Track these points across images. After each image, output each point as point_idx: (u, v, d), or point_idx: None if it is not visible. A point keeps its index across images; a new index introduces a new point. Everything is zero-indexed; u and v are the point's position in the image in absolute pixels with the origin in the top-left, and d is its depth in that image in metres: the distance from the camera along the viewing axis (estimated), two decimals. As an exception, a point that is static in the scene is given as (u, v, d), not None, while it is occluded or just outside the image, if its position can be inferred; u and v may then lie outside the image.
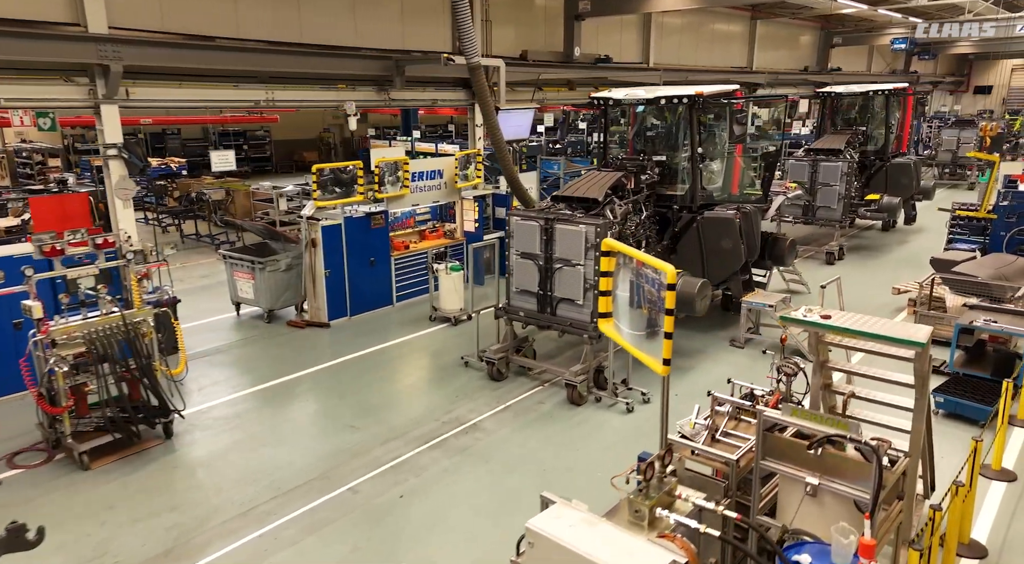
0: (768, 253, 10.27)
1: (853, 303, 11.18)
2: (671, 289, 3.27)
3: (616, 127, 9.61)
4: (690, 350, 8.99)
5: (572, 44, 13.99)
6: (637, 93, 8.52)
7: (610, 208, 7.64)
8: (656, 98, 8.40)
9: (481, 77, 8.80)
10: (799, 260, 14.05)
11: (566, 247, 7.26)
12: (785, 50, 25.98)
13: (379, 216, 10.52)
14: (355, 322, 10.19)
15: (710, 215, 8.80)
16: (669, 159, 9.15)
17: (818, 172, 13.91)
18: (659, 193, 9.00)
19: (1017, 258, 10.12)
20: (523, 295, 7.77)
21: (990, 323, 7.43)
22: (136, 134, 28.93)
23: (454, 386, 7.75)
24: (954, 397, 6.84)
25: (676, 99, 8.30)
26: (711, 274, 9.11)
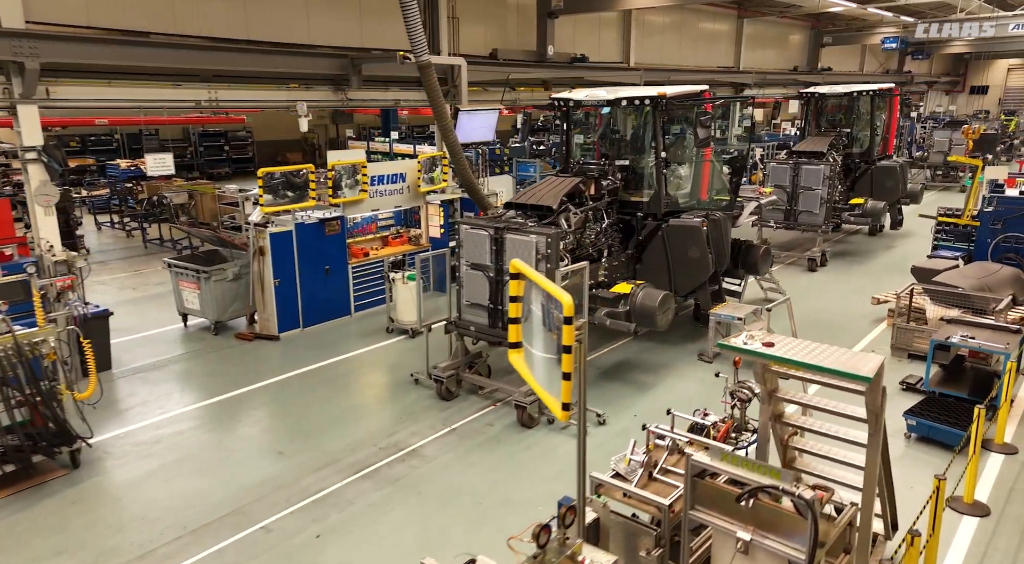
0: (741, 262, 9.90)
1: (833, 312, 10.84)
2: (567, 323, 2.87)
3: (579, 130, 9.20)
4: (655, 365, 8.59)
5: (545, 42, 13.59)
6: (598, 94, 8.12)
7: (565, 217, 7.24)
8: (618, 99, 8.00)
9: (431, 77, 8.39)
10: (779, 267, 13.71)
11: (517, 258, 6.84)
12: (774, 50, 25.69)
13: (334, 222, 10.10)
14: (308, 334, 9.76)
15: (675, 223, 8.41)
16: (634, 164, 8.76)
17: (800, 175, 13.54)
18: (623, 200, 8.60)
19: (1002, 267, 9.76)
20: (474, 309, 7.36)
21: (967, 339, 7.05)
22: (112, 134, 28.49)
23: (400, 406, 7.34)
24: (927, 420, 6.45)
25: (638, 100, 7.90)
26: (678, 284, 8.73)
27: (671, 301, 7.59)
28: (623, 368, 8.53)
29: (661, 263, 8.65)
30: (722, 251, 9.02)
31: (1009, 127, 34.00)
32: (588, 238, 7.88)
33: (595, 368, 8.50)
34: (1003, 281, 9.53)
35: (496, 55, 12.85)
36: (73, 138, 26.04)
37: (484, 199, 9.42)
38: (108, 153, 26.81)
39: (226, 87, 9.10)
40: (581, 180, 7.68)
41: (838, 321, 10.31)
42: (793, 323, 8.23)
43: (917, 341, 8.68)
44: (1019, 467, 6.06)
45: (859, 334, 9.73)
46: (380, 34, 11.11)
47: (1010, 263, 10.20)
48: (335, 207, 10.22)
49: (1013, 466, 6.08)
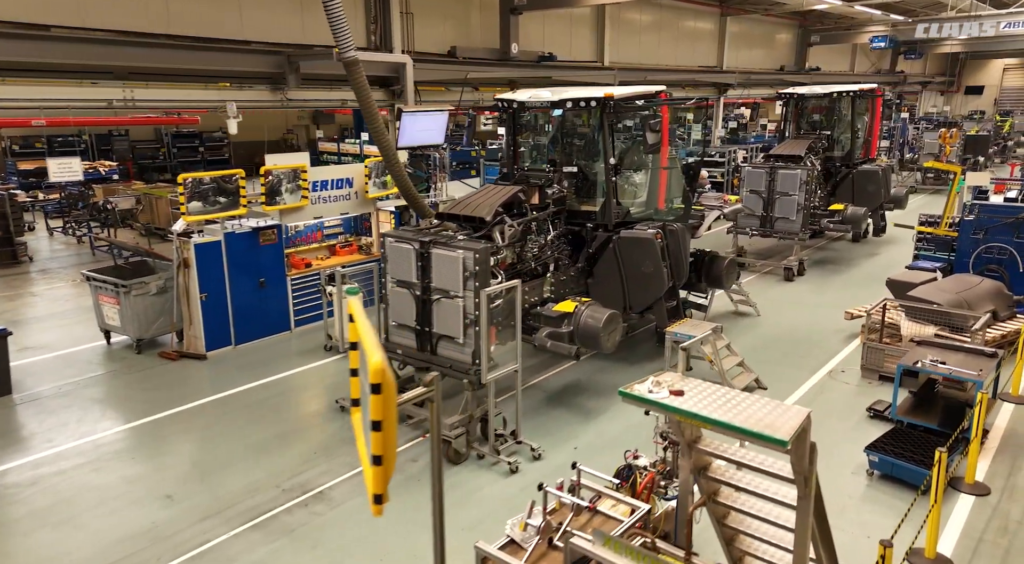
0: (704, 274, 9.36)
1: (805, 327, 10.31)
2: (375, 392, 2.28)
3: (528, 134, 8.63)
4: (607, 388, 8.03)
5: (509, 40, 13.03)
6: (541, 95, 7.56)
7: (500, 229, 6.67)
8: (561, 101, 7.44)
9: (358, 74, 7.79)
10: (755, 276, 13.19)
11: (443, 275, 6.28)
12: (760, 49, 25.20)
13: (270, 231, 9.51)
14: (240, 352, 9.17)
15: (627, 234, 7.86)
16: (585, 170, 8.20)
17: (776, 180, 13.01)
18: (572, 209, 8.05)
19: (982, 280, 9.25)
20: (401, 329, 6.79)
21: (937, 364, 6.52)
22: (79, 135, 27.78)
23: (318, 438, 6.75)
24: (890, 456, 5.90)
25: (583, 102, 7.34)
26: (633, 300, 8.18)
27: (617, 321, 7.03)
28: (571, 392, 7.96)
29: (614, 277, 8.10)
30: (680, 264, 8.48)
31: (1003, 128, 33.64)
32: (530, 251, 7.31)
33: (540, 392, 7.94)
34: (983, 295, 9.02)
35: (455, 53, 12.29)
36: (39, 139, 25.42)
37: (424, 207, 8.84)
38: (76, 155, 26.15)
39: (143, 86, 8.51)
40: (521, 189, 7.11)
41: (809, 337, 9.78)
42: (719, 361, 7.63)
43: (888, 361, 8.15)
44: (990, 512, 5.52)
45: (830, 352, 9.19)
46: (324, 29, 10.51)
47: (992, 275, 9.69)
48: (272, 215, 9.65)
49: (983, 511, 5.54)
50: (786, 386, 8.10)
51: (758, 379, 8.06)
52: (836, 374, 8.47)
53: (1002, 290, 9.16)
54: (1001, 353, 6.79)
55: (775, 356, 9.10)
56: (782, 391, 7.96)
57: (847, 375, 8.43)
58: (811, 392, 7.97)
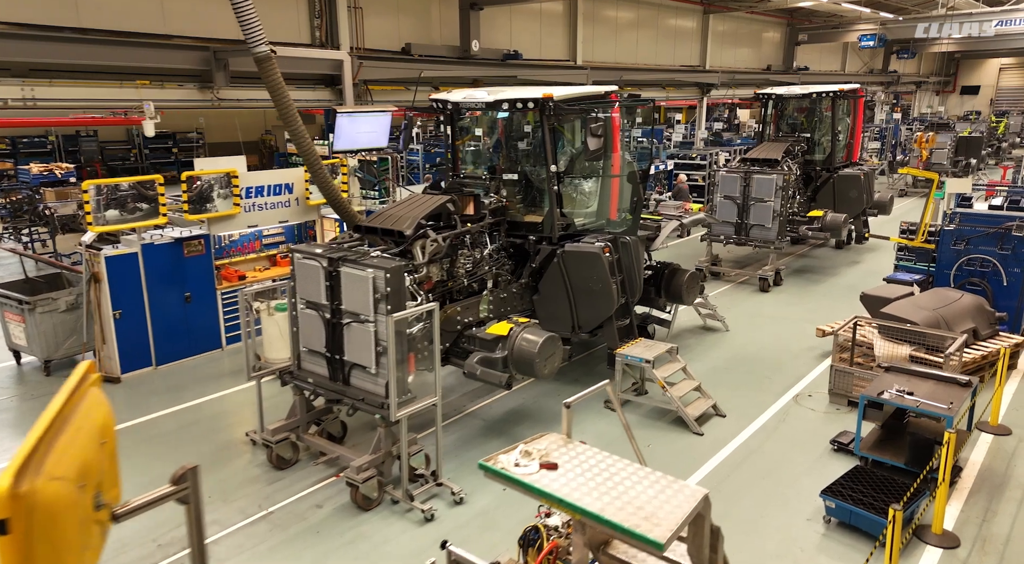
0: (664, 289, 8.79)
1: (776, 344, 9.74)
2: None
3: (470, 137, 8.04)
4: (551, 414, 7.45)
5: (469, 37, 12.45)
6: (476, 95, 6.98)
7: (421, 244, 6.07)
8: (497, 102, 6.85)
9: (271, 71, 7.18)
10: (728, 287, 12.63)
11: (353, 297, 5.68)
12: (746, 48, 24.68)
13: (196, 241, 8.90)
14: (161, 374, 8.55)
15: (572, 248, 7.27)
16: (531, 178, 7.61)
17: (751, 186, 12.46)
18: (514, 220, 7.46)
19: (962, 295, 8.69)
20: (312, 356, 6.19)
21: (903, 395, 5.95)
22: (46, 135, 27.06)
23: (218, 477, 6.14)
24: (848, 502, 5.32)
25: (521, 103, 6.75)
26: (581, 319, 7.60)
27: (555, 345, 6.44)
28: (512, 419, 7.37)
29: (561, 294, 7.52)
30: (633, 279, 7.91)
31: (998, 129, 33.24)
32: (463, 268, 6.72)
33: (478, 421, 7.34)
34: (963, 312, 8.46)
35: (410, 50, 11.70)
36: (2, 140, 24.80)
37: (354, 215, 8.22)
38: (43, 156, 25.47)
39: (46, 83, 7.89)
40: (451, 199, 6.51)
41: (779, 355, 9.22)
42: (622, 414, 7.09)
43: (858, 386, 7.59)
44: (958, 568, 4.95)
45: (799, 372, 8.63)
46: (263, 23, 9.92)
47: (974, 289, 9.15)
48: (200, 224, 9.04)
49: (950, 566, 4.97)
50: (747, 413, 7.52)
51: (716, 406, 7.49)
52: (802, 399, 7.90)
53: (984, 306, 8.61)
54: (976, 382, 6.24)
55: (739, 377, 8.53)
56: (742, 418, 7.39)
57: (814, 400, 7.86)
58: (773, 419, 7.40)
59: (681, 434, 7.07)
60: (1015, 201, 9.96)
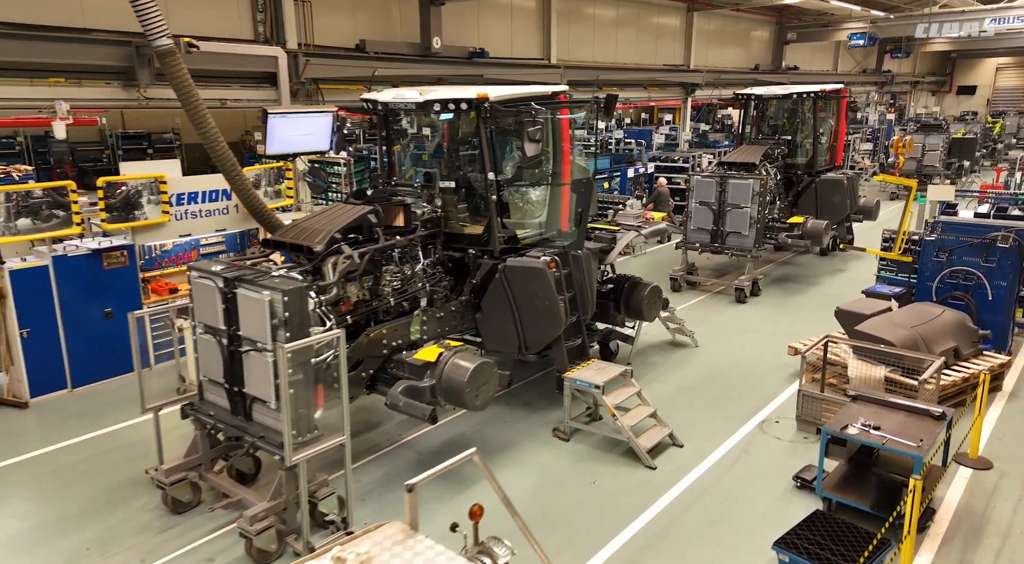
0: (623, 304, 8.24)
1: (747, 360, 9.15)
2: None
3: (408, 140, 7.45)
4: (497, 444, 6.88)
5: (430, 34, 11.88)
6: (406, 95, 6.41)
7: (334, 261, 5.50)
8: (427, 102, 6.28)
9: (175, 67, 6.56)
10: (704, 297, 12.09)
11: (250, 322, 5.11)
12: (733, 47, 24.16)
13: (118, 252, 8.32)
14: (77, 398, 7.96)
15: (515, 263, 6.70)
16: (474, 186, 7.03)
17: (727, 191, 11.92)
18: (452, 232, 6.89)
19: (943, 311, 8.15)
20: (214, 386, 5.61)
21: (868, 430, 5.40)
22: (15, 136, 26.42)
23: (105, 524, 5.53)
24: (803, 556, 4.75)
25: (453, 104, 6.18)
26: (528, 339, 7.03)
27: (489, 372, 5.86)
28: (451, 450, 6.77)
29: (505, 312, 6.95)
30: (585, 296, 7.35)
31: (994, 130, 32.79)
32: (389, 285, 6.13)
33: (411, 453, 6.76)
34: (943, 330, 7.92)
35: (364, 47, 11.13)
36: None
37: (276, 222, 7.59)
38: (11, 158, 24.81)
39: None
40: (373, 210, 5.93)
41: (750, 373, 8.67)
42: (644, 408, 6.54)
43: (829, 411, 7.04)
44: (922, 635, 4.39)
45: (769, 393, 8.07)
46: (199, 16, 9.37)
47: (956, 304, 8.61)
48: (123, 233, 8.47)
49: (914, 633, 4.41)
50: (707, 441, 6.96)
51: (672, 434, 6.92)
52: (769, 425, 7.35)
53: (966, 323, 8.07)
54: (951, 414, 5.69)
55: (704, 398, 7.98)
56: (701, 448, 6.83)
57: (781, 426, 7.31)
58: (735, 450, 6.84)
59: (632, 467, 6.50)
60: (1002, 209, 9.45)
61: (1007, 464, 6.43)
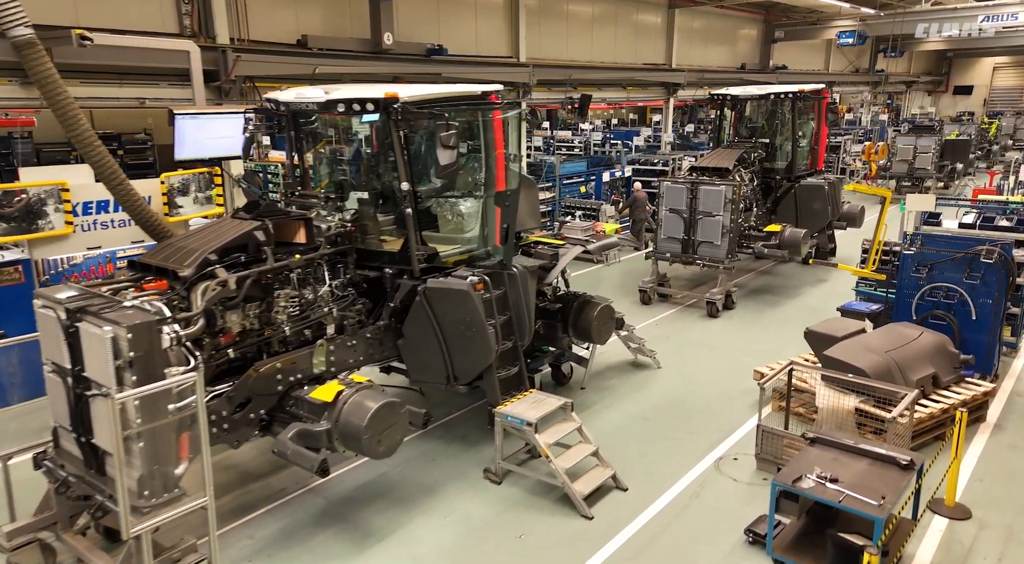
0: (571, 326, 7.54)
1: (711, 384, 8.40)
2: None
3: (325, 144, 6.73)
4: (421, 487, 6.17)
5: (380, 29, 11.17)
6: (307, 94, 5.71)
7: (202, 287, 4.77)
8: (330, 102, 5.56)
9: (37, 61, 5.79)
10: (675, 311, 11.40)
11: (94, 361, 4.38)
12: (718, 45, 23.49)
13: (11, 268, 7.60)
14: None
15: (436, 285, 5.99)
16: (393, 197, 6.31)
17: (698, 198, 11.23)
18: (367, 249, 6.17)
19: (921, 333, 7.47)
20: (67, 434, 4.88)
21: (824, 483, 4.71)
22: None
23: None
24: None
25: (358, 104, 5.47)
26: (457, 368, 6.33)
27: (395, 414, 5.15)
28: (365, 498, 6.06)
29: (429, 339, 6.24)
30: (522, 319, 6.64)
31: (989, 131, 32.21)
32: (283, 313, 5.40)
33: (318, 499, 6.03)
34: (921, 354, 7.24)
35: (306, 43, 10.42)
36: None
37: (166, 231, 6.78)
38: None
39: None
40: (260, 226, 5.21)
41: (713, 399, 7.98)
42: (585, 447, 5.83)
43: (790, 451, 6.34)
44: None
45: (731, 423, 7.38)
46: (109, 10, 8.66)
47: (937, 324, 7.92)
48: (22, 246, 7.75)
49: None
50: (655, 483, 6.26)
51: (616, 477, 6.21)
52: (726, 463, 6.65)
53: (946, 346, 7.38)
54: (921, 462, 5.00)
55: (658, 429, 7.28)
56: (647, 491, 6.12)
57: (740, 464, 6.61)
58: (686, 493, 6.13)
59: (567, 516, 5.79)
60: (988, 219, 8.79)
61: (987, 511, 5.74)
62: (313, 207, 5.84)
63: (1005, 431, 7.15)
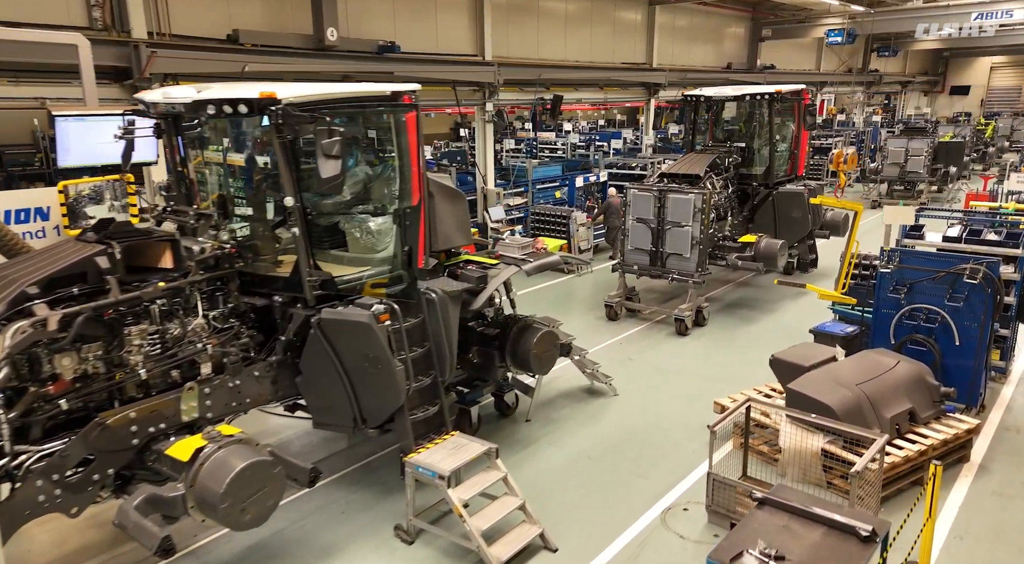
0: (510, 354, 6.78)
1: (669, 415, 7.66)
2: None
3: (214, 148, 5.96)
4: (318, 547, 5.40)
5: (323, 24, 10.41)
6: (174, 94, 4.95)
7: (14, 329, 3.99)
8: (199, 103, 4.80)
9: None
10: (643, 327, 10.66)
11: None
12: (703, 44, 22.78)
13: None
14: None
15: (331, 315, 5.23)
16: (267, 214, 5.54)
17: (666, 206, 10.50)
18: (253, 274, 5.40)
19: (897, 361, 6.74)
20: None
21: (768, 561, 3.96)
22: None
23: None
24: None
25: (229, 106, 4.70)
26: (365, 411, 5.57)
27: (266, 476, 4.38)
28: (262, 554, 5.30)
29: (331, 377, 5.47)
30: (443, 351, 5.89)
31: (985, 133, 31.58)
32: (138, 352, 4.61)
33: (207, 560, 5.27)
34: (897, 386, 6.50)
35: (237, 38, 9.66)
36: None
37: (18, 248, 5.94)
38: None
39: None
40: (104, 250, 4.44)
41: (669, 435, 7.24)
42: (511, 500, 5.08)
43: (744, 504, 5.59)
44: None
45: (686, 464, 6.63)
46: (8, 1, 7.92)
47: (916, 350, 7.20)
48: None
49: None
50: (590, 541, 5.50)
51: (544, 535, 5.44)
52: (674, 514, 5.89)
53: (924, 377, 6.65)
54: (885, 531, 4.25)
55: (603, 473, 6.53)
56: (579, 553, 5.37)
57: (690, 517, 5.85)
58: (624, 554, 5.38)
59: (483, 584, 5.04)
60: (975, 232, 8.05)
61: (968, 579, 5.01)
62: (195, 226, 5.07)
63: (991, 474, 6.41)
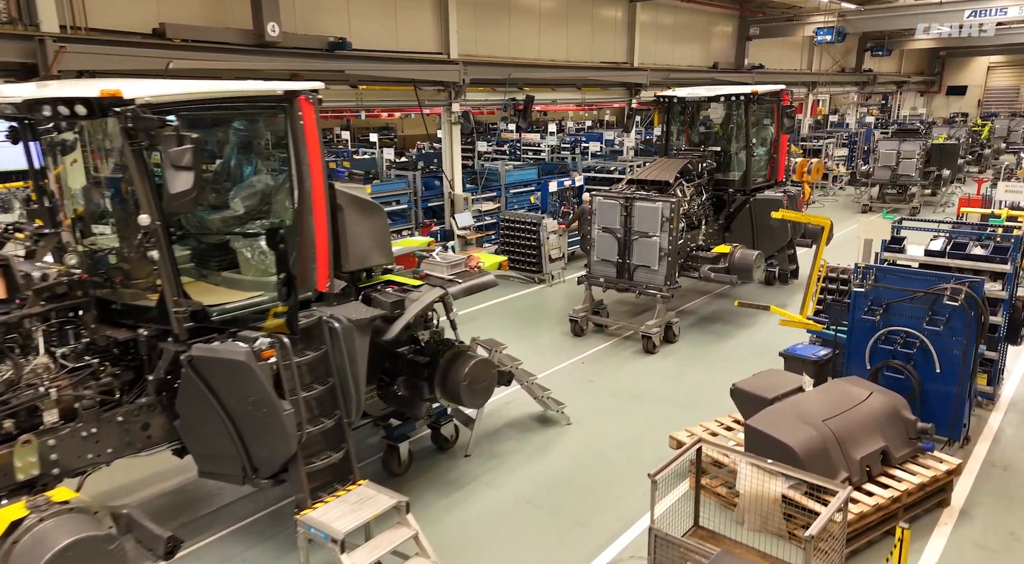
0: (440, 384, 6.06)
1: (625, 448, 6.91)
2: None
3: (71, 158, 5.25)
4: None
5: (263, 19, 9.72)
6: (6, 92, 4.24)
7: None
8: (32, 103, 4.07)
9: None
10: (609, 344, 9.97)
11: None
12: (688, 43, 22.12)
13: None
14: None
15: (203, 352, 4.51)
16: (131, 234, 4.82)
17: (632, 215, 9.81)
18: (116, 301, 4.68)
19: (870, 393, 6.04)
20: None
21: None
22: None
23: None
24: None
25: (66, 106, 3.98)
26: (255, 460, 4.87)
27: (96, 552, 3.66)
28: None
29: (212, 421, 4.75)
30: (348, 388, 5.18)
31: (981, 134, 30.97)
32: None
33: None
34: (868, 422, 5.81)
35: (164, 33, 8.97)
36: None
37: None
38: None
39: None
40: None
41: (621, 472, 6.55)
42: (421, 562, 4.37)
43: (696, 557, 4.89)
44: None
45: (633, 511, 5.93)
46: None
47: (891, 379, 6.51)
48: None
49: None
50: (511, 609, 4.82)
51: (456, 603, 4.76)
52: (615, 572, 5.21)
53: (899, 411, 5.95)
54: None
55: (541, 522, 5.82)
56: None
57: (631, 576, 5.17)
58: (547, 625, 4.69)
59: (378, 666, 4.34)
60: (960, 246, 7.35)
61: (944, 658, 4.32)
62: (33, 248, 4.37)
63: (973, 521, 5.72)
